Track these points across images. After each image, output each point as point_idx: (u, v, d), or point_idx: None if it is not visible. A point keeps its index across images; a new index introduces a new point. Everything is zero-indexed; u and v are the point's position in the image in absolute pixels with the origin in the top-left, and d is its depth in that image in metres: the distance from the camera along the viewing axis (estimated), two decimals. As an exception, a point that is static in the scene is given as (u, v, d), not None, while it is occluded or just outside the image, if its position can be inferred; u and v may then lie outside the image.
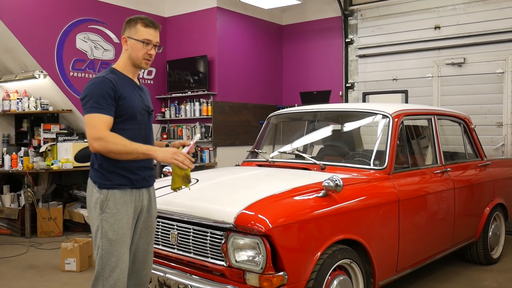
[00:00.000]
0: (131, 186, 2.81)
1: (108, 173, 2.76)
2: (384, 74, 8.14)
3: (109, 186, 2.76)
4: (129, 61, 2.87)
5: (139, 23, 2.82)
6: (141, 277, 2.99)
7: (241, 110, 8.74)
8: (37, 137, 7.78)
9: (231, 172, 4.36)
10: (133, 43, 2.82)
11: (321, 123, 5.16)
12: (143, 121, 2.90)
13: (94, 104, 2.67)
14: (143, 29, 2.81)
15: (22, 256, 6.03)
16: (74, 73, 7.63)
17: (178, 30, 8.84)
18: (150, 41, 2.83)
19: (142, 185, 2.89)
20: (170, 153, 2.69)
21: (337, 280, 3.33)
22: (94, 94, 2.68)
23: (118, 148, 2.63)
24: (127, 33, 2.85)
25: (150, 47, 2.84)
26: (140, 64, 2.86)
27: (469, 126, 5.46)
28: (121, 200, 2.77)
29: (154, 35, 2.84)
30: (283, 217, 3.07)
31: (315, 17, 9.11)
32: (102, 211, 2.74)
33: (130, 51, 2.84)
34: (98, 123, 2.65)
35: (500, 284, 4.79)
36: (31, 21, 7.12)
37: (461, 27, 7.35)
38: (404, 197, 3.98)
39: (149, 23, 2.83)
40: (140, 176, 2.86)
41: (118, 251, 2.74)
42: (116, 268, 2.74)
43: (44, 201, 7.30)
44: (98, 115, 2.66)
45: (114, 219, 2.74)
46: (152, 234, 3.03)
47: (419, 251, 4.32)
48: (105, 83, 2.72)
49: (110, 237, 2.73)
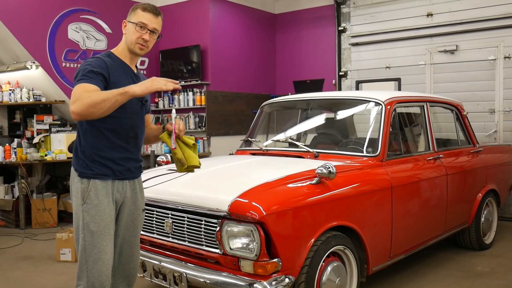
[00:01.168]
0: (113, 177, 2.72)
1: (90, 162, 2.68)
2: (377, 62, 8.14)
3: (90, 175, 2.68)
4: (125, 46, 2.81)
5: (139, 8, 2.77)
6: (129, 269, 2.94)
7: (235, 100, 8.73)
8: (30, 128, 7.76)
9: (225, 161, 4.37)
10: (130, 26, 2.77)
11: (314, 111, 5.17)
12: (134, 110, 2.79)
13: (81, 77, 2.56)
14: (141, 12, 2.75)
15: (17, 247, 6.03)
16: (67, 63, 7.59)
17: (171, 20, 8.79)
18: (145, 25, 2.74)
19: (126, 177, 2.79)
20: (149, 81, 2.52)
21: (331, 266, 3.37)
22: (84, 70, 2.60)
23: (93, 99, 2.42)
24: (128, 17, 2.80)
25: (145, 31, 2.75)
26: (133, 48, 2.77)
27: (461, 113, 5.48)
28: (103, 191, 2.69)
29: (151, 20, 2.76)
30: (277, 204, 3.09)
31: (307, 5, 9.09)
32: (84, 201, 2.67)
33: (127, 34, 2.79)
34: (77, 90, 2.49)
35: (493, 269, 4.84)
36: (22, 11, 7.06)
37: (453, 14, 7.35)
38: (397, 183, 4.01)
39: (148, 7, 2.77)
40: (124, 167, 2.77)
41: (100, 243, 2.67)
42: (98, 260, 2.67)
43: (38, 192, 7.29)
44: (81, 84, 2.52)
45: (95, 211, 2.66)
46: (139, 227, 2.96)
47: (412, 237, 4.36)
48: (97, 61, 2.66)
49: (91, 229, 2.66)
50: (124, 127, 2.74)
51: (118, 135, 2.73)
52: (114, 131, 2.71)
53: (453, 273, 4.74)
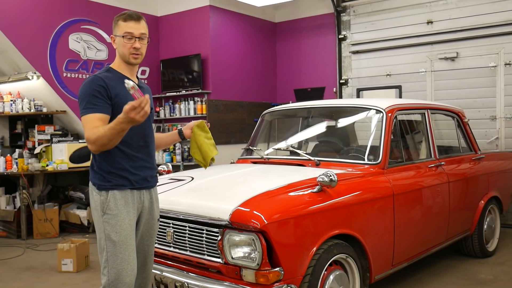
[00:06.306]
0: (130, 186, 2.76)
1: (106, 174, 2.72)
2: (377, 69, 8.16)
3: (108, 187, 2.72)
4: (120, 59, 2.84)
5: (119, 19, 2.81)
6: (141, 279, 2.96)
7: (236, 108, 8.74)
8: (32, 138, 7.76)
9: (226, 170, 4.36)
10: (118, 40, 2.80)
11: (315, 119, 5.18)
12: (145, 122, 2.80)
13: (87, 105, 2.64)
14: (123, 23, 2.78)
15: (19, 258, 6.01)
16: (68, 73, 7.61)
17: (171, 29, 8.83)
18: (131, 34, 2.76)
19: (143, 186, 2.82)
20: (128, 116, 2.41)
21: (333, 275, 3.35)
22: (86, 94, 2.67)
23: (103, 141, 2.55)
24: (114, 32, 2.84)
25: (133, 41, 2.77)
26: (128, 59, 2.80)
27: (462, 120, 5.48)
28: (122, 201, 2.72)
29: (135, 27, 2.78)
30: (279, 213, 3.08)
31: (307, 14, 9.11)
32: (104, 212, 2.70)
33: (118, 48, 2.82)
34: (87, 124, 2.62)
35: (496, 276, 4.82)
36: (23, 22, 7.09)
37: (454, 21, 7.37)
38: (399, 191, 3.99)
39: (128, 17, 2.79)
40: (140, 177, 2.80)
41: (122, 253, 2.69)
42: (122, 271, 2.69)
43: (39, 202, 7.28)
44: (89, 115, 2.63)
45: (115, 220, 2.69)
46: (154, 236, 2.98)
47: (414, 245, 4.34)
48: (95, 80, 2.69)
49: (113, 239, 2.69)
50: (134, 137, 2.76)
51: (129, 146, 2.77)
52: (125, 142, 2.72)
53: (456, 280, 4.71)
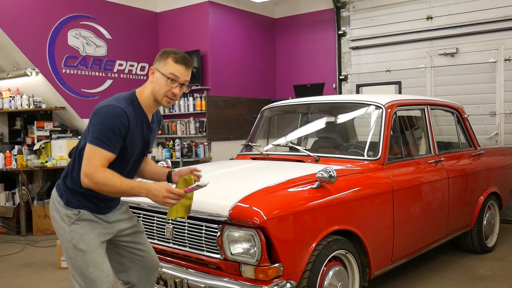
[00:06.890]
0: (96, 212, 2.64)
1: (78, 194, 2.60)
2: (377, 65, 8.15)
3: (76, 205, 2.60)
4: (151, 95, 2.64)
5: (170, 57, 2.58)
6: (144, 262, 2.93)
7: (235, 104, 8.73)
8: (31, 135, 7.76)
9: (225, 166, 4.36)
10: (159, 76, 2.59)
11: (315, 115, 5.17)
12: (135, 160, 2.73)
13: (102, 138, 2.44)
14: (173, 64, 2.57)
15: (18, 254, 6.01)
16: (67, 70, 7.60)
17: (170, 25, 8.81)
18: (177, 78, 2.57)
19: (107, 212, 2.71)
20: (161, 197, 2.45)
21: (333, 271, 3.35)
22: (106, 125, 2.46)
23: (109, 188, 2.44)
24: (156, 64, 2.62)
25: (176, 85, 2.58)
26: (161, 101, 2.61)
27: (462, 115, 5.47)
28: (90, 216, 2.62)
29: (183, 73, 2.59)
30: (278, 209, 3.08)
31: (307, 9, 9.10)
32: (71, 223, 2.58)
33: (154, 84, 2.61)
34: (94, 158, 2.45)
35: (495, 272, 4.82)
36: (22, 18, 7.08)
37: (453, 17, 7.35)
38: (398, 187, 3.99)
39: (181, 59, 2.58)
40: (107, 205, 2.70)
41: (93, 261, 2.58)
42: (97, 280, 2.58)
43: (39, 199, 7.28)
44: (99, 150, 2.44)
45: (84, 230, 2.58)
46: (143, 232, 2.95)
47: (414, 240, 4.34)
48: (121, 117, 2.48)
49: (81, 248, 2.56)
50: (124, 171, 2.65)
51: None
52: None
53: (456, 276, 4.72)
